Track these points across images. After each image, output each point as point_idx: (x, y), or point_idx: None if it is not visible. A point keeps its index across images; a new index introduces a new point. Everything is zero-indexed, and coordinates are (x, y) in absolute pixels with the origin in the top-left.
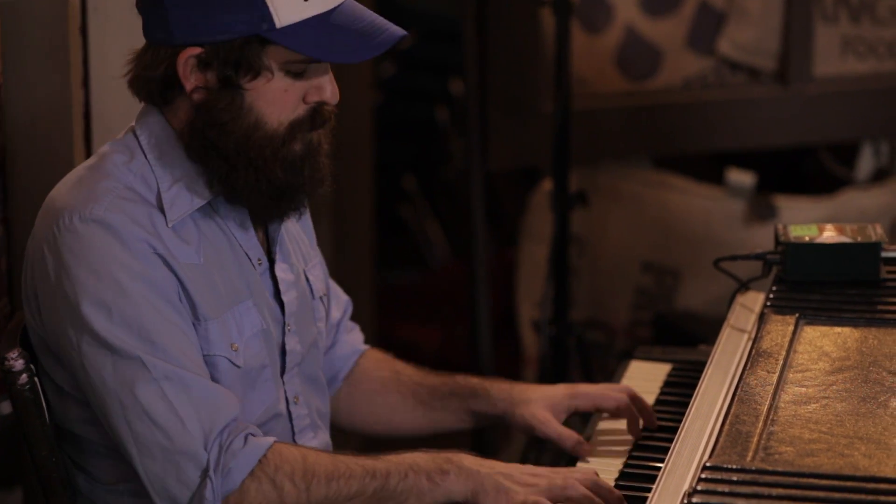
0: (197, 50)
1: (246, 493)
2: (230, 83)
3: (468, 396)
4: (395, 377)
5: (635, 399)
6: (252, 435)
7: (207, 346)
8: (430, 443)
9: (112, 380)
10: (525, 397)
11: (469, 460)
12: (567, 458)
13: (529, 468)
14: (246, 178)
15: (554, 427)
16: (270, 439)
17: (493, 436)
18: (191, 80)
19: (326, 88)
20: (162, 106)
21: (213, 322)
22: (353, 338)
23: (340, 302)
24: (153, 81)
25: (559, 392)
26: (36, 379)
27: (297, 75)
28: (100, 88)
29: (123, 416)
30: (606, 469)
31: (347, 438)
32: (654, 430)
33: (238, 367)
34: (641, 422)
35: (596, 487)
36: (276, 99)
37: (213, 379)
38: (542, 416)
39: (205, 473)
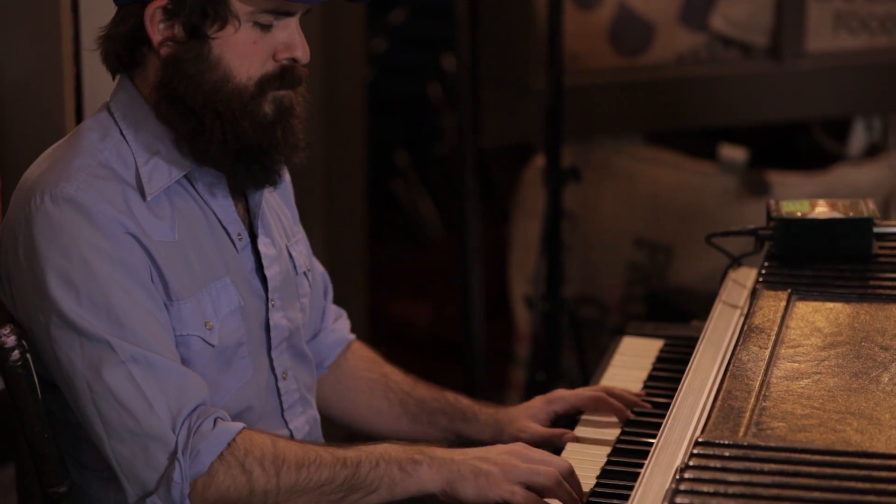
0: (163, 1)
1: (214, 477)
2: (197, 33)
3: (457, 419)
4: (384, 381)
5: (613, 395)
6: (221, 419)
7: (181, 326)
8: None
9: (80, 362)
10: (509, 418)
11: (441, 451)
12: (553, 448)
13: (505, 447)
14: (212, 132)
15: (539, 432)
16: (240, 424)
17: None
18: (158, 32)
19: (297, 46)
20: (132, 70)
21: (187, 301)
22: (341, 325)
23: (321, 277)
24: (121, 40)
25: (536, 403)
26: (28, 355)
27: (265, 28)
28: (91, 63)
29: (91, 399)
30: (598, 444)
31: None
32: (646, 407)
33: (212, 345)
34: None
35: (571, 478)
36: (245, 51)
37: (187, 358)
38: (524, 425)
39: (173, 456)
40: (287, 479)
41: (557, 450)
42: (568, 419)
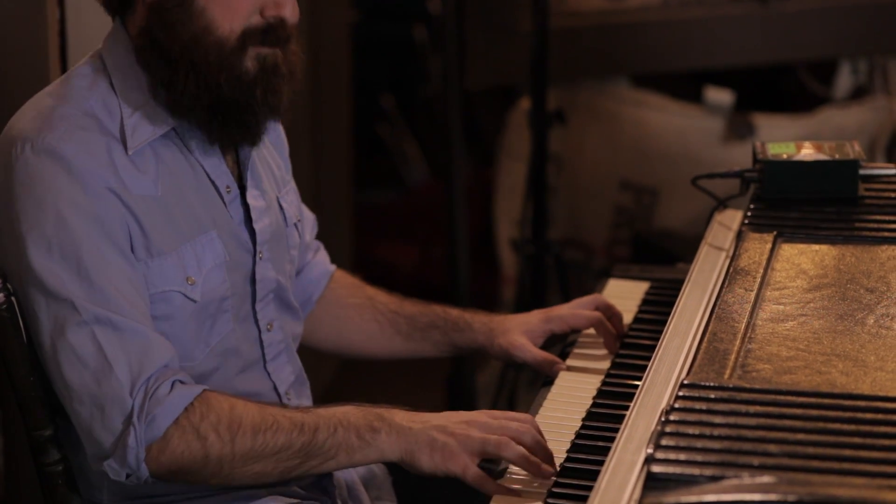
0: None
1: (169, 442)
2: None
3: (450, 329)
4: (371, 304)
5: (606, 308)
6: (181, 382)
7: (161, 281)
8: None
9: (45, 319)
10: (503, 327)
11: (401, 416)
12: (544, 378)
13: (463, 414)
14: (187, 83)
15: (529, 351)
16: (200, 387)
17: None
18: None
19: (285, 4)
20: (123, 15)
21: (168, 256)
22: (321, 258)
23: (309, 222)
24: None
25: (534, 318)
26: (13, 298)
27: None
28: (75, 7)
29: (54, 357)
30: (584, 386)
31: (324, 360)
32: (632, 349)
33: (194, 301)
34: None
35: (532, 441)
36: (231, 3)
37: (168, 314)
38: (518, 342)
39: (129, 420)
40: (242, 445)
41: (549, 379)
42: (562, 339)
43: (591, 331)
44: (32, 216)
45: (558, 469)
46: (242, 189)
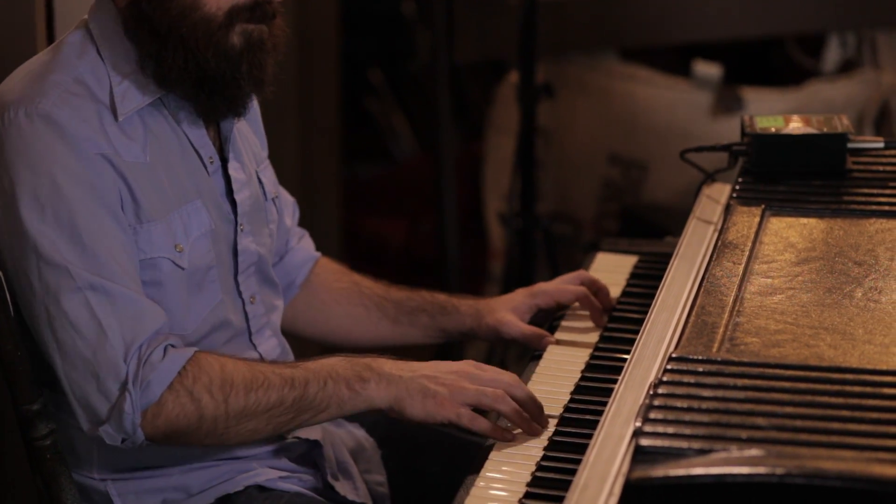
0: None
1: (164, 406)
2: None
3: (438, 313)
4: (357, 289)
5: (591, 283)
6: (172, 346)
7: (151, 248)
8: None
9: (38, 285)
10: (489, 308)
11: (389, 365)
12: (531, 353)
13: (450, 365)
14: (174, 58)
15: (517, 326)
16: (191, 350)
17: None
18: None
19: None
20: None
21: (158, 223)
22: (306, 244)
23: (289, 205)
24: None
25: (518, 295)
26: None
27: None
28: None
29: (48, 323)
30: (573, 360)
31: (306, 348)
32: (620, 322)
33: (182, 268)
34: (602, 310)
35: (525, 397)
36: None
37: (158, 281)
38: (506, 318)
39: (124, 386)
40: (236, 404)
41: (537, 353)
42: (549, 315)
43: (578, 305)
44: (26, 181)
45: (547, 443)
46: (224, 162)
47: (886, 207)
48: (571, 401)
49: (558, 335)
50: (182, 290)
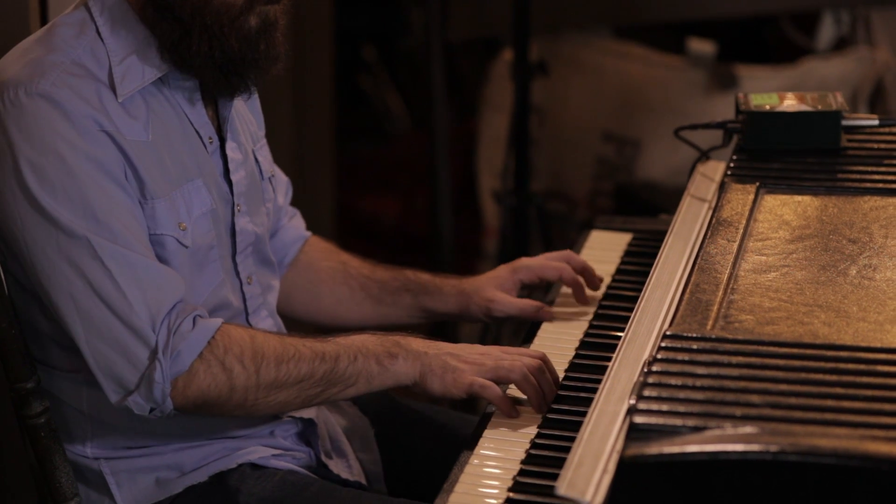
0: None
1: (195, 376)
2: None
3: (420, 293)
4: (343, 268)
5: (576, 263)
6: (200, 317)
7: (154, 225)
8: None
9: (58, 258)
10: (474, 287)
11: (417, 343)
12: (529, 325)
13: (478, 347)
14: (199, 44)
15: (510, 302)
16: (218, 321)
17: None
18: None
19: None
20: None
21: (161, 201)
22: (297, 223)
23: (282, 184)
24: None
25: (501, 272)
26: None
27: None
28: None
29: (70, 295)
30: (567, 338)
31: (300, 327)
32: (615, 300)
33: (186, 246)
34: (586, 289)
35: (540, 374)
36: None
37: (161, 258)
38: (495, 296)
39: (153, 355)
40: (267, 375)
41: (535, 324)
42: (539, 294)
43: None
44: (33, 159)
45: (541, 420)
46: (222, 142)
47: (881, 185)
48: (566, 378)
49: (554, 310)
50: (186, 268)
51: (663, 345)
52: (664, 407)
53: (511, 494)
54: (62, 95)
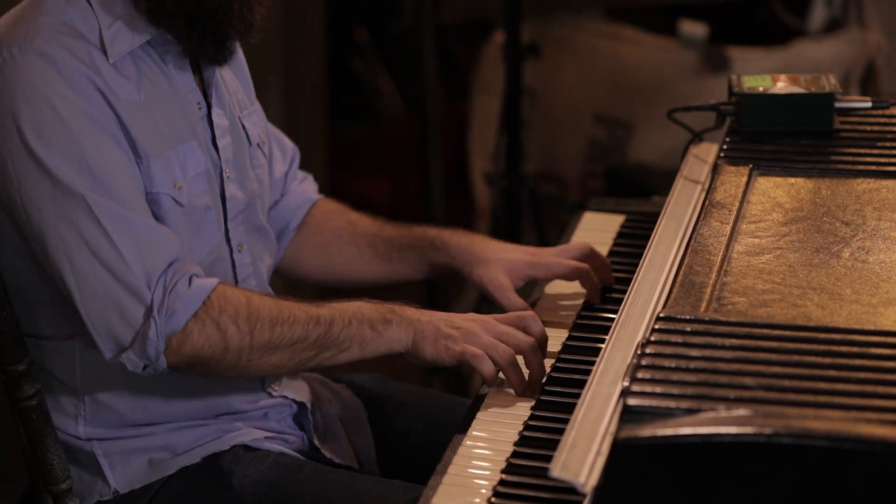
0: None
1: (189, 335)
2: None
3: (427, 248)
4: (351, 228)
5: (594, 259)
6: (196, 276)
7: (150, 184)
8: (379, 293)
9: (53, 215)
10: (485, 256)
11: (411, 311)
12: None
13: (474, 316)
14: None
15: (506, 295)
16: (214, 280)
17: (446, 287)
18: None
19: None
20: None
21: (156, 160)
22: (306, 187)
23: (287, 151)
24: None
25: (519, 260)
26: None
27: None
28: None
29: (65, 252)
30: (560, 321)
31: (302, 291)
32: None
33: (182, 205)
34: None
35: (532, 352)
36: None
37: (158, 217)
38: (497, 281)
39: (148, 313)
40: (261, 336)
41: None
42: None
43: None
44: (29, 116)
45: (534, 402)
46: (208, 107)
47: (874, 167)
48: (559, 360)
49: (547, 290)
50: (182, 229)
51: (657, 327)
52: (658, 389)
53: (504, 476)
54: (56, 52)
